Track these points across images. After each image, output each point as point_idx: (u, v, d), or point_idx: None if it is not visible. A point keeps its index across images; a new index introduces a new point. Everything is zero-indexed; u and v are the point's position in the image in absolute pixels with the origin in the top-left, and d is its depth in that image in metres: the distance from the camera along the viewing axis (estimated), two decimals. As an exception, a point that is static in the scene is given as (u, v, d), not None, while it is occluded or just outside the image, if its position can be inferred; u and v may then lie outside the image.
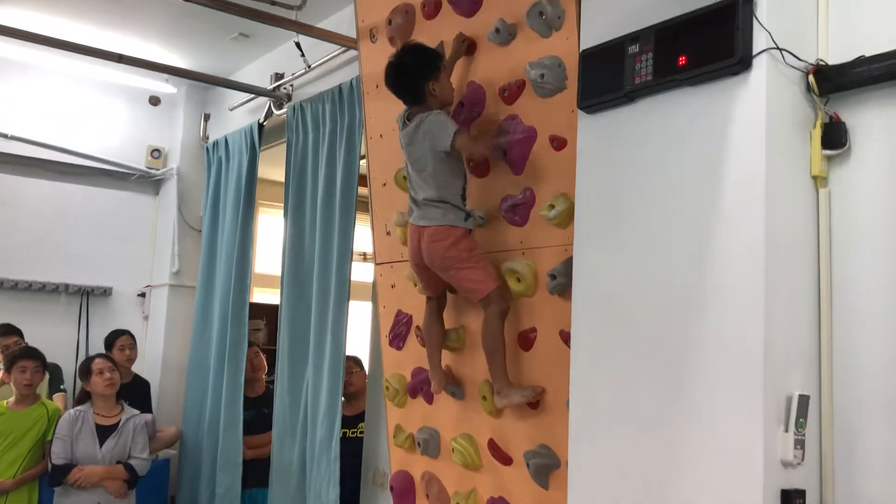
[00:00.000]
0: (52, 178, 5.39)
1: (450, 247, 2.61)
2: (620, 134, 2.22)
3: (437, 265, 2.67)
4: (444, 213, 2.64)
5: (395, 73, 2.73)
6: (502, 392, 2.59)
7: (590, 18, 2.36)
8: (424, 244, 2.66)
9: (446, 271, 2.65)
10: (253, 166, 4.91)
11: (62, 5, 4.37)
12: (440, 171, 2.64)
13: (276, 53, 4.85)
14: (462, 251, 2.61)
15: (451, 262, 2.61)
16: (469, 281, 2.62)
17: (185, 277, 5.52)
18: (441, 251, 2.62)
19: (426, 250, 2.66)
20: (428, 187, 2.66)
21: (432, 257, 2.66)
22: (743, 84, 1.93)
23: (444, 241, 2.61)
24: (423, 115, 2.66)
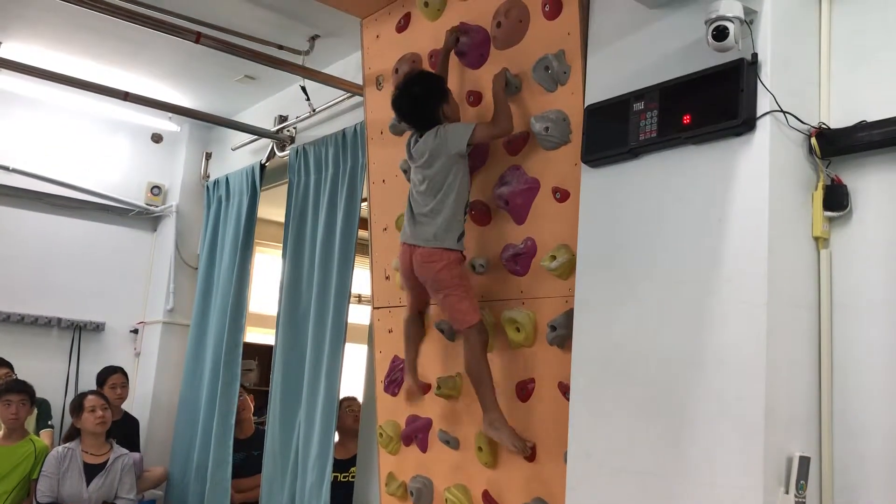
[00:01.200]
0: (50, 212, 5.39)
1: (442, 269, 2.62)
2: (623, 189, 2.25)
3: (429, 284, 2.69)
4: (436, 232, 2.63)
5: (407, 103, 2.77)
6: (494, 425, 2.57)
7: (595, 75, 2.40)
8: (416, 263, 2.68)
9: (437, 293, 2.67)
10: (253, 206, 4.92)
11: (70, 42, 4.42)
12: (451, 180, 2.64)
13: (280, 96, 4.91)
14: (454, 277, 2.62)
15: (442, 284, 2.63)
16: (455, 310, 2.63)
17: (179, 315, 5.49)
18: (433, 273, 2.63)
19: (418, 270, 2.68)
20: (431, 199, 2.65)
21: (424, 277, 2.68)
22: (746, 144, 1.96)
23: (437, 262, 2.62)
24: (438, 127, 2.68)
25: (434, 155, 2.67)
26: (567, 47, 2.58)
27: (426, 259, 2.64)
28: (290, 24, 3.92)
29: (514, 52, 2.79)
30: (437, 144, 2.66)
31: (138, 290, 5.70)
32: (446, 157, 2.65)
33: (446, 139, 2.65)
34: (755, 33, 1.99)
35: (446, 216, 2.64)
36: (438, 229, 2.63)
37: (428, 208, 2.67)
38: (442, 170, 2.65)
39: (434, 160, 2.67)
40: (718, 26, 1.92)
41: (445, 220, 2.63)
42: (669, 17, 2.20)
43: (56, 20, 4.13)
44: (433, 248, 2.63)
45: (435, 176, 2.67)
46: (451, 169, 2.66)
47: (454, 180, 2.66)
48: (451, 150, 2.64)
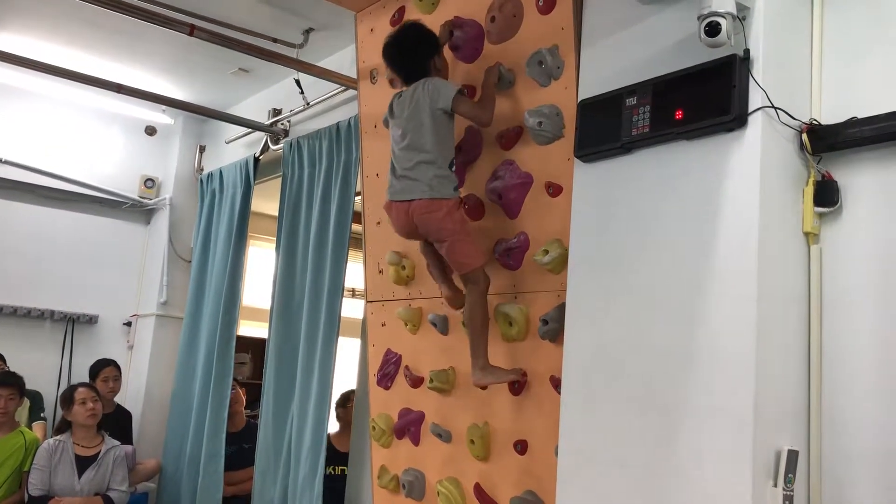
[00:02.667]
0: (43, 204, 5.37)
1: (444, 217, 2.59)
2: (616, 183, 2.25)
3: (433, 235, 2.66)
4: (430, 183, 2.59)
5: (398, 50, 2.75)
6: (485, 370, 2.57)
7: (588, 70, 2.40)
8: (416, 217, 2.63)
9: (441, 242, 2.64)
10: (247, 199, 4.92)
11: (64, 33, 4.41)
12: (435, 133, 2.61)
13: (275, 89, 4.90)
14: (456, 223, 2.61)
15: (446, 233, 2.60)
16: (462, 254, 2.61)
17: (173, 308, 5.48)
18: (436, 222, 2.60)
19: (420, 222, 2.63)
20: (417, 153, 2.61)
21: (427, 228, 2.64)
22: (738, 140, 1.97)
23: (438, 211, 2.59)
24: (422, 81, 2.67)
25: (420, 108, 2.64)
26: (561, 42, 2.59)
27: (426, 210, 2.60)
28: (285, 17, 3.91)
29: (508, 47, 2.79)
30: (423, 97, 2.64)
31: (132, 282, 5.69)
32: (432, 111, 2.62)
33: (437, 92, 2.62)
34: (747, 29, 1.99)
35: (437, 169, 2.60)
36: (432, 181, 2.59)
37: (413, 162, 2.62)
38: (427, 124, 2.62)
39: (419, 113, 2.63)
40: (711, 22, 1.92)
41: (436, 173, 2.60)
42: (662, 13, 2.21)
43: (49, 11, 4.12)
44: (431, 198, 2.59)
45: (419, 129, 2.62)
46: (436, 124, 2.62)
47: (442, 132, 2.63)
48: (438, 105, 2.62)
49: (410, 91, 2.70)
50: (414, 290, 3.16)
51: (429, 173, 2.60)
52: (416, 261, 3.12)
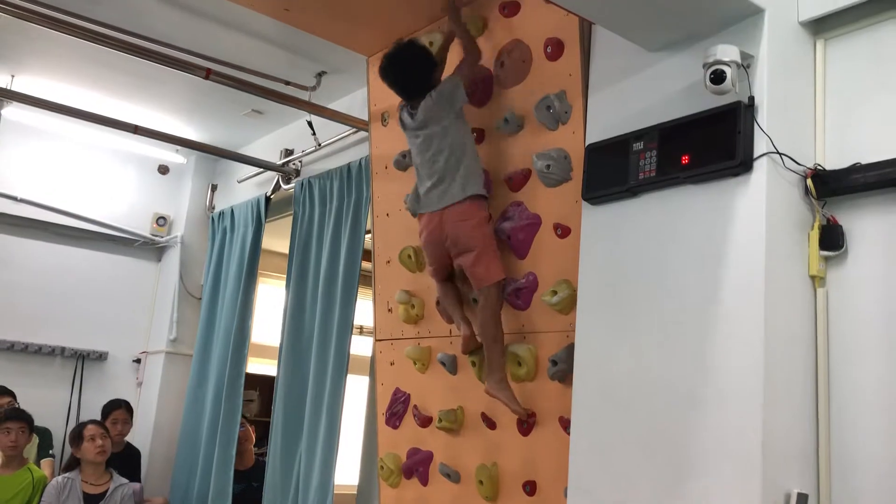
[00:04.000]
0: (56, 241, 5.43)
1: (476, 226, 2.66)
2: (623, 226, 2.29)
3: (460, 245, 2.68)
4: (463, 185, 2.65)
5: (402, 69, 2.80)
6: (500, 385, 2.61)
7: (596, 115, 2.46)
8: (449, 225, 2.67)
9: (467, 252, 2.67)
10: (257, 238, 4.97)
11: (81, 75, 4.50)
12: (461, 135, 2.71)
13: (287, 130, 4.98)
14: (486, 234, 2.68)
15: (476, 241, 2.65)
16: (485, 265, 2.65)
17: (182, 345, 5.50)
18: (468, 230, 2.65)
19: (451, 230, 2.67)
20: (442, 158, 2.68)
21: (457, 236, 2.67)
22: (744, 185, 2.01)
23: (471, 220, 2.66)
24: (431, 92, 2.73)
25: (434, 117, 2.71)
26: (568, 88, 2.65)
27: (459, 217, 2.66)
28: (298, 60, 3.99)
29: (516, 91, 2.85)
30: (436, 105, 2.71)
31: (142, 319, 5.72)
32: (448, 115, 2.71)
33: (451, 98, 2.70)
34: (752, 77, 2.04)
35: (467, 167, 2.67)
36: (465, 181, 2.66)
37: (442, 168, 2.68)
38: (447, 128, 2.70)
39: (435, 122, 2.71)
40: (716, 70, 1.98)
41: (467, 170, 2.67)
42: (668, 60, 2.26)
43: (67, 54, 4.21)
44: (463, 201, 2.65)
45: (441, 135, 2.70)
46: (455, 125, 2.72)
47: (462, 135, 2.72)
48: (457, 105, 2.71)
49: (423, 104, 2.75)
50: (423, 329, 3.19)
51: (460, 168, 2.67)
52: (425, 300, 3.15)
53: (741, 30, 2.09)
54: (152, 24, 3.71)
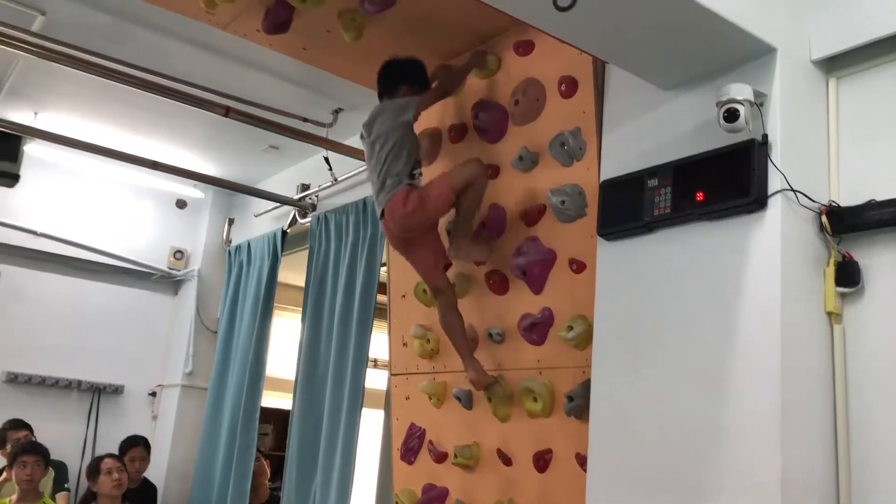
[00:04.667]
0: (74, 275, 5.49)
1: (407, 203, 2.74)
2: (639, 262, 2.30)
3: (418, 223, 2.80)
4: (390, 187, 2.78)
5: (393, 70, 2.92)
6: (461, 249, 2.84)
7: (610, 152, 2.48)
8: (391, 223, 2.81)
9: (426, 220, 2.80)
10: (274, 271, 5.01)
11: (101, 112, 4.59)
12: (400, 146, 2.80)
13: (303, 165, 5.04)
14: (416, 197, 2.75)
15: (417, 213, 2.75)
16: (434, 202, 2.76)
17: (198, 378, 5.53)
18: (406, 214, 2.75)
19: (396, 227, 2.81)
20: (385, 169, 2.79)
21: (404, 224, 2.79)
22: (758, 222, 2.02)
23: (398, 206, 2.76)
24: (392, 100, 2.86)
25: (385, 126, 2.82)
26: (582, 124, 2.67)
27: (392, 213, 2.77)
28: (315, 97, 4.06)
29: (531, 128, 2.88)
30: (388, 115, 2.83)
31: (158, 353, 5.75)
32: (395, 126, 2.81)
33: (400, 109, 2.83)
34: (765, 115, 2.06)
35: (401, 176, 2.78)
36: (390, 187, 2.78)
37: (382, 179, 2.79)
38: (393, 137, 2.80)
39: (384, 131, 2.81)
40: (729, 108, 2.00)
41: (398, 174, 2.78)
42: (681, 98, 2.29)
43: (89, 92, 4.30)
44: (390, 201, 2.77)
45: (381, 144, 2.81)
46: (401, 138, 2.81)
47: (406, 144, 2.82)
48: (401, 118, 2.82)
49: (376, 111, 2.88)
50: (438, 364, 3.19)
51: (391, 183, 2.78)
52: (440, 334, 3.16)
53: (754, 68, 2.11)
54: (172, 63, 3.78)
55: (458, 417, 3.03)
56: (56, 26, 3.55)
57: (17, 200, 5.15)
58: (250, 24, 3.05)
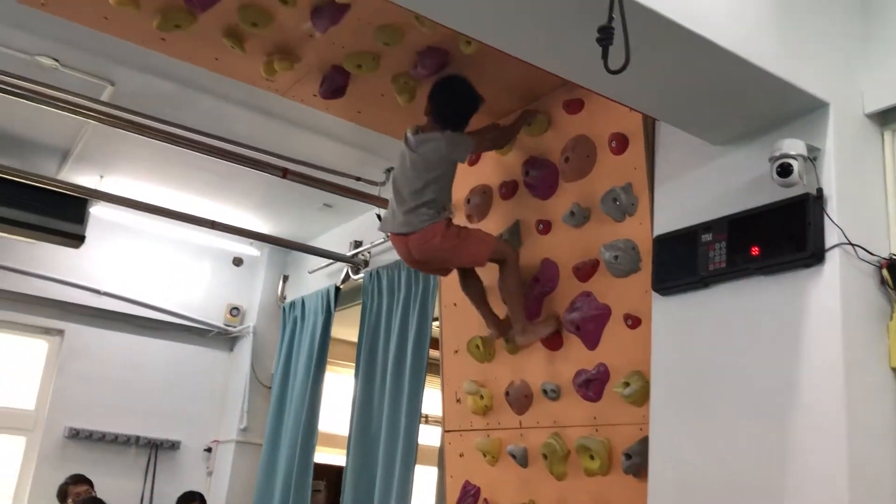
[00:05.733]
0: (134, 332, 5.64)
1: (443, 241, 2.79)
2: (695, 317, 2.28)
3: (437, 261, 2.89)
4: (427, 216, 2.78)
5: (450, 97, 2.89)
6: (525, 330, 2.83)
7: (663, 207, 2.49)
8: (414, 248, 2.82)
9: (447, 262, 2.91)
10: (327, 327, 5.08)
11: (164, 175, 4.76)
12: (445, 179, 2.85)
13: (356, 222, 5.14)
14: (451, 238, 2.81)
15: (448, 251, 2.81)
16: (471, 255, 2.86)
17: (253, 434, 5.58)
18: (439, 247, 2.79)
19: (418, 253, 2.83)
20: (422, 193, 2.79)
21: (429, 255, 2.83)
22: (816, 276, 2.00)
23: (434, 238, 2.78)
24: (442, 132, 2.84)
25: (437, 155, 2.82)
26: (634, 180, 2.69)
27: (421, 241, 2.79)
28: (368, 157, 4.17)
29: (582, 185, 2.91)
30: (442, 147, 2.82)
31: (214, 409, 5.84)
32: (447, 161, 2.84)
33: (455, 146, 2.84)
34: (819, 169, 2.06)
35: (440, 205, 2.80)
36: (431, 214, 2.78)
37: (417, 203, 2.79)
38: (438, 172, 2.82)
39: (435, 159, 2.81)
40: (783, 164, 2.00)
41: (436, 209, 2.79)
42: (734, 153, 2.30)
43: (151, 155, 4.47)
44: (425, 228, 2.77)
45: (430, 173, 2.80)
46: (446, 173, 2.85)
47: (449, 177, 2.86)
48: (453, 156, 2.87)
49: (426, 136, 2.85)
50: (492, 420, 3.18)
51: (428, 213, 2.79)
52: (493, 391, 3.16)
53: (806, 123, 2.12)
54: (232, 127, 3.94)
55: (513, 475, 3.00)
56: (123, 95, 3.73)
57: (81, 260, 5.33)
58: (308, 90, 3.16)
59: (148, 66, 3.53)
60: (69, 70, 3.59)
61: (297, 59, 2.96)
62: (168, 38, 2.88)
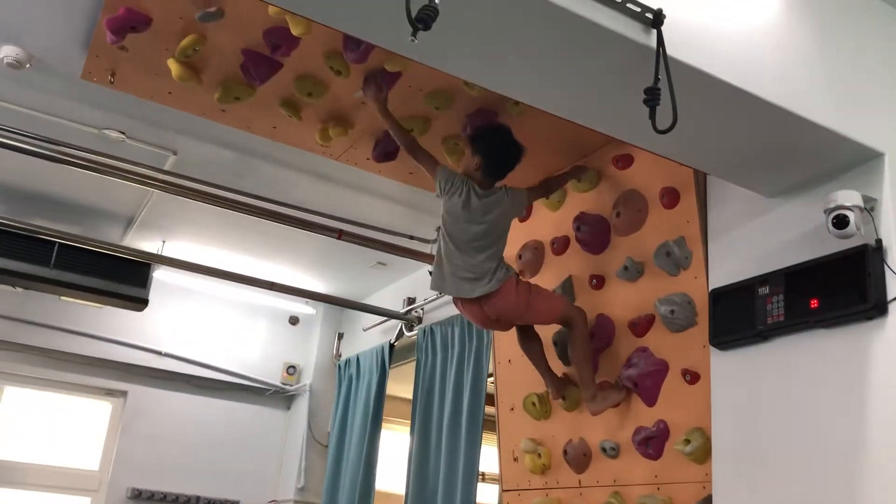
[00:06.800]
0: (194, 392, 5.73)
1: (517, 296, 2.81)
2: (755, 371, 2.25)
3: (516, 316, 2.89)
4: (501, 274, 2.78)
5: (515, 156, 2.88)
6: (596, 397, 2.79)
7: (718, 260, 2.48)
8: (491, 309, 2.80)
9: (524, 316, 2.90)
10: (382, 384, 5.10)
11: (224, 239, 4.89)
12: (505, 236, 2.89)
13: (409, 279, 5.19)
14: (525, 291, 2.84)
15: (522, 307, 2.83)
16: (544, 312, 2.88)
17: (310, 493, 5.58)
18: (514, 303, 2.80)
19: (495, 313, 2.81)
20: (482, 256, 2.78)
21: (510, 313, 2.84)
22: (879, 328, 1.97)
23: (510, 294, 2.79)
24: (503, 190, 2.85)
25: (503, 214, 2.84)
26: (687, 234, 2.69)
27: (502, 298, 2.78)
28: (420, 216, 4.23)
29: (634, 239, 2.91)
30: (507, 205, 2.84)
31: (271, 467, 5.86)
32: (507, 221, 2.88)
33: (519, 203, 2.90)
34: (877, 219, 2.04)
35: (495, 263, 2.80)
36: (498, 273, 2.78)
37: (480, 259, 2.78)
38: (500, 224, 2.85)
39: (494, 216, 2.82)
40: (839, 215, 1.99)
41: (499, 265, 2.80)
42: (787, 205, 2.29)
43: (211, 221, 4.60)
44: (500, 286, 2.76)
45: (491, 229, 2.82)
46: (506, 225, 2.89)
47: (506, 233, 2.90)
48: (515, 213, 2.92)
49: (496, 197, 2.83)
50: (551, 479, 3.14)
51: (500, 271, 2.79)
52: (551, 449, 3.13)
53: (861, 173, 2.11)
54: (289, 191, 4.05)
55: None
56: (186, 164, 3.88)
57: (144, 322, 5.48)
58: (361, 154, 3.26)
59: (209, 136, 3.67)
60: (134, 142, 3.75)
61: (351, 126, 3.06)
62: (228, 110, 3.01)
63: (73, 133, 3.67)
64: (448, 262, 2.84)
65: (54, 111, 3.56)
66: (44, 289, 4.62)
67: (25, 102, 3.50)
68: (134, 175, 3.73)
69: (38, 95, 3.45)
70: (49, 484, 5.37)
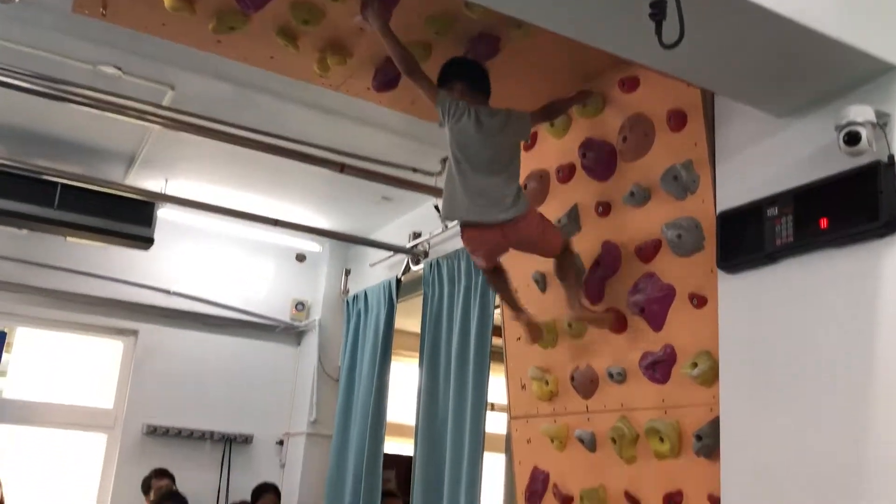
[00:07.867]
0: (203, 330, 5.79)
1: (539, 224, 2.79)
2: (763, 294, 2.23)
3: (531, 244, 2.84)
4: (516, 200, 2.71)
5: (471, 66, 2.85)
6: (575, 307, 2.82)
7: (725, 182, 2.44)
8: (516, 234, 2.73)
9: (538, 244, 2.85)
10: (390, 318, 5.13)
11: (227, 175, 4.87)
12: (516, 160, 2.82)
13: (415, 214, 5.17)
14: (542, 219, 2.84)
15: (541, 233, 2.80)
16: (552, 239, 2.85)
17: (322, 426, 5.68)
18: (535, 229, 2.77)
19: (521, 237, 2.77)
20: (499, 179, 2.71)
21: (528, 240, 2.80)
22: (890, 246, 1.94)
23: (534, 219, 2.78)
24: (506, 112, 2.78)
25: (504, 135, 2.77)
26: (694, 157, 2.64)
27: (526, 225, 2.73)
28: (423, 148, 4.18)
29: (641, 164, 2.86)
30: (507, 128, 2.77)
31: (284, 402, 5.96)
32: (511, 142, 2.81)
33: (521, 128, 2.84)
34: (889, 135, 1.98)
35: (516, 187, 2.74)
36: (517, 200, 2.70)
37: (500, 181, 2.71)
38: (509, 147, 2.80)
39: (503, 137, 2.77)
40: (850, 132, 1.94)
41: (519, 192, 2.74)
42: (797, 124, 2.23)
43: (214, 156, 4.56)
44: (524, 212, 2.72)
45: (502, 152, 2.76)
46: (515, 150, 2.84)
47: (518, 158, 2.84)
48: (521, 138, 2.86)
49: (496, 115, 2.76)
50: (559, 406, 3.16)
51: (513, 189, 2.72)
52: (559, 376, 3.14)
53: (874, 88, 2.04)
54: (290, 125, 3.99)
55: (582, 460, 2.99)
56: (184, 99, 3.82)
57: (151, 262, 5.50)
58: (361, 84, 3.19)
59: (206, 69, 3.60)
60: (131, 77, 3.69)
61: (350, 54, 2.99)
62: (223, 41, 2.93)
63: (68, 69, 3.61)
64: (464, 189, 2.72)
65: (47, 47, 3.49)
66: (49, 230, 4.62)
67: (16, 38, 3.43)
68: (132, 111, 3.68)
69: (30, 30, 3.37)
70: (66, 421, 5.49)
